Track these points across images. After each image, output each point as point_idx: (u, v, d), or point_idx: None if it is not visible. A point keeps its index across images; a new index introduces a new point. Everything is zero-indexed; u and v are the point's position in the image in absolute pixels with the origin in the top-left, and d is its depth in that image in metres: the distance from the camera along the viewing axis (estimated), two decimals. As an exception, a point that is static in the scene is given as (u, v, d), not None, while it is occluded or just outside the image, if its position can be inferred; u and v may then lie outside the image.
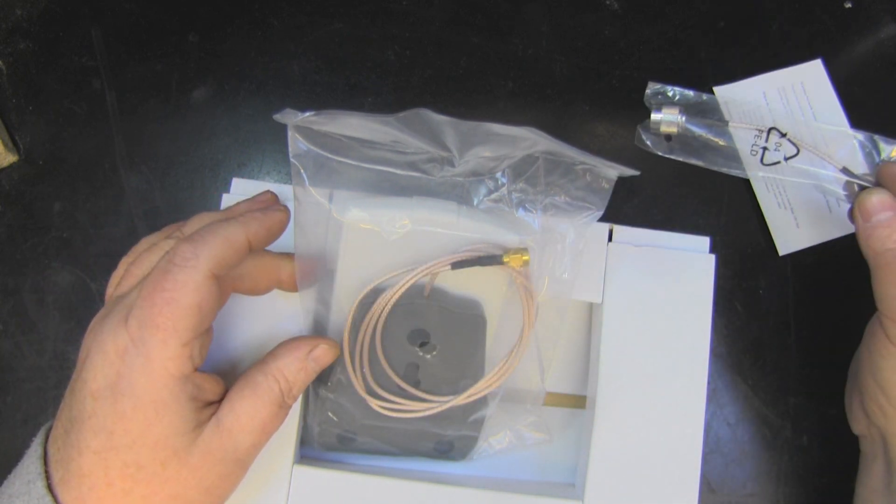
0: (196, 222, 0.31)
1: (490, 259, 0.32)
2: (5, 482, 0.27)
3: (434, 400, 0.33)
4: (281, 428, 0.30)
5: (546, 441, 0.36)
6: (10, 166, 0.42)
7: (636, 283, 0.36)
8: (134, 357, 0.25)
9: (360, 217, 0.32)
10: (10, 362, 0.40)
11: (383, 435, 0.34)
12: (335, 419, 0.34)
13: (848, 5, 0.46)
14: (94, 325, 0.28)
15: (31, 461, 0.27)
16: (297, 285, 0.32)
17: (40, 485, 0.25)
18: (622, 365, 0.35)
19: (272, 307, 0.34)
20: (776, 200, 0.43)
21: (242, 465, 0.28)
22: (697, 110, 0.42)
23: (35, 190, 0.42)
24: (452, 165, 0.32)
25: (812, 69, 0.45)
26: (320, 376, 0.32)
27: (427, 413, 0.33)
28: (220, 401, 0.28)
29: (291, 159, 0.32)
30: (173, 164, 0.42)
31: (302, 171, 0.32)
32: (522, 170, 0.33)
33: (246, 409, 0.28)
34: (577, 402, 0.39)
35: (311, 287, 0.33)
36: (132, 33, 0.44)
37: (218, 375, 0.29)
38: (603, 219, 0.33)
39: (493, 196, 0.33)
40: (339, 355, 0.32)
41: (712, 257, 0.37)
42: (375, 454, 0.36)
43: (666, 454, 0.34)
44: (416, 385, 0.33)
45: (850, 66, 0.45)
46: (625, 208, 0.43)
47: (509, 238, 0.32)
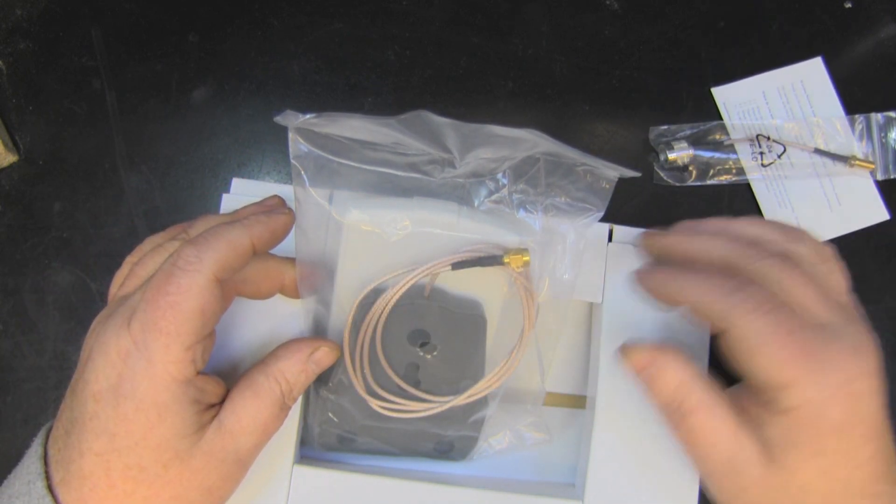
0: (202, 224, 0.31)
1: (490, 259, 0.32)
2: (5, 482, 0.27)
3: (434, 400, 0.33)
4: (281, 428, 0.30)
5: (546, 441, 0.36)
6: (10, 166, 0.42)
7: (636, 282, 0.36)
8: (136, 360, 0.25)
9: (360, 218, 0.32)
10: (10, 362, 0.40)
11: (383, 435, 0.34)
12: (335, 420, 0.34)
13: (848, 5, 0.46)
14: (96, 326, 0.28)
15: (31, 461, 0.27)
16: (299, 289, 0.32)
17: (40, 485, 0.25)
18: (622, 365, 0.35)
19: (273, 309, 0.34)
20: (776, 200, 0.43)
21: (243, 465, 0.28)
22: (700, 136, 0.44)
23: (35, 190, 0.42)
24: (453, 167, 0.32)
25: (812, 67, 0.45)
26: (321, 377, 0.32)
27: (427, 413, 0.33)
28: (221, 402, 0.28)
29: (292, 160, 0.32)
30: (173, 164, 0.42)
31: (302, 172, 0.32)
32: (523, 171, 0.33)
33: (247, 411, 0.28)
34: (577, 402, 0.39)
35: (313, 292, 0.33)
36: (132, 33, 0.44)
37: (219, 376, 0.29)
38: (603, 219, 0.33)
39: (493, 197, 0.33)
40: (340, 356, 0.32)
41: (712, 257, 0.37)
42: (376, 454, 0.36)
43: (666, 454, 0.34)
44: (417, 385, 0.33)
45: (850, 66, 0.45)
46: (625, 208, 0.43)
47: (510, 239, 0.32)
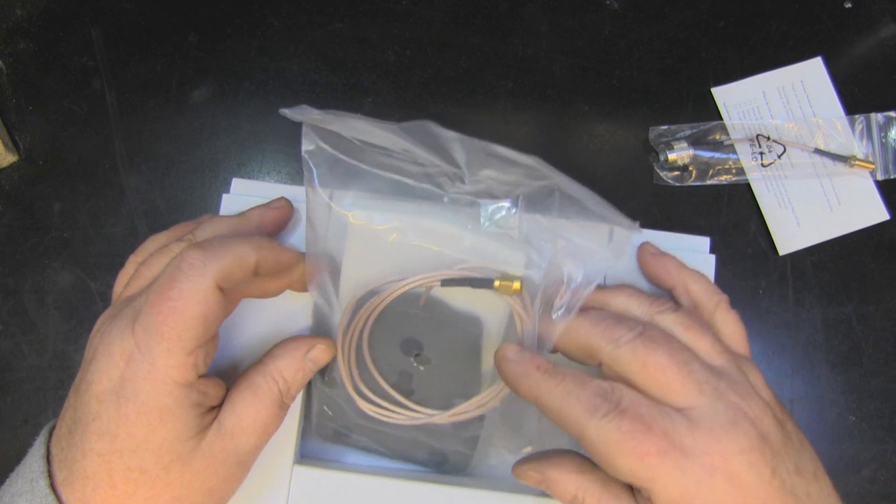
0: (209, 226, 0.31)
1: (481, 282, 0.31)
2: (8, 480, 0.27)
3: (421, 411, 0.32)
4: (281, 428, 0.30)
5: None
6: (10, 166, 0.42)
7: (636, 283, 0.36)
8: (139, 362, 0.25)
9: (365, 219, 0.31)
10: (10, 362, 0.40)
11: (376, 437, 0.34)
12: (330, 413, 0.34)
13: (848, 5, 0.46)
14: (100, 326, 0.28)
15: (34, 460, 0.27)
16: (307, 285, 0.32)
17: (43, 483, 0.25)
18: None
19: (274, 308, 0.34)
20: (776, 200, 0.43)
21: (244, 466, 0.29)
22: (700, 136, 0.44)
23: (35, 190, 0.42)
24: (463, 182, 0.31)
25: (812, 67, 0.45)
26: (323, 369, 0.32)
27: (414, 423, 0.32)
28: (222, 404, 0.28)
29: (303, 155, 0.31)
30: (173, 164, 0.42)
31: (313, 168, 0.31)
32: (537, 199, 0.31)
33: (247, 411, 0.28)
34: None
35: (319, 288, 0.33)
36: (132, 33, 0.44)
37: (219, 376, 0.29)
38: (603, 219, 0.33)
39: (502, 221, 0.31)
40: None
41: (712, 257, 0.37)
42: (371, 453, 0.36)
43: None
44: (409, 394, 0.33)
45: (850, 66, 0.45)
46: (625, 208, 0.43)
47: (512, 265, 0.31)
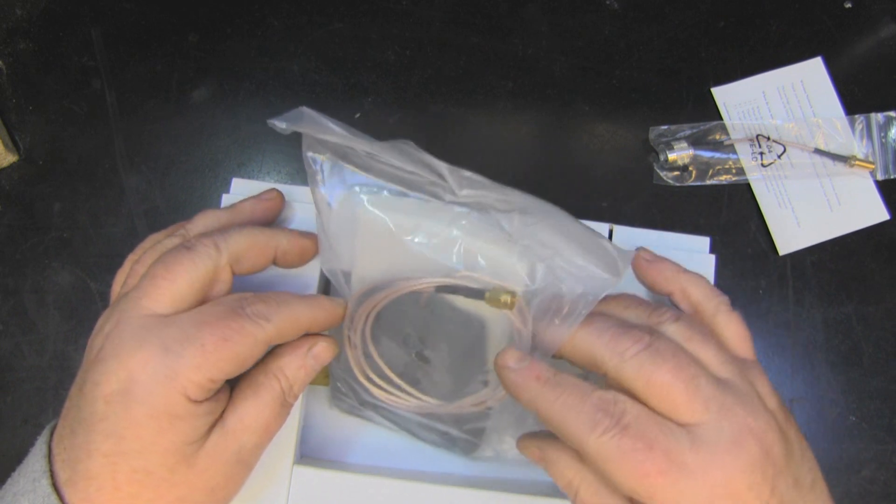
0: (200, 220, 0.31)
1: (472, 292, 0.30)
2: (9, 480, 0.27)
3: (425, 400, 0.33)
4: (281, 428, 0.30)
5: None
6: (10, 166, 0.42)
7: (636, 283, 0.35)
8: (158, 366, 0.25)
9: (376, 215, 0.31)
10: (10, 362, 0.40)
11: (388, 415, 0.35)
12: (344, 390, 0.34)
13: (848, 5, 0.46)
14: (103, 325, 0.28)
15: (35, 459, 0.27)
16: (322, 265, 0.33)
17: (45, 483, 0.25)
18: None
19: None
20: (776, 200, 0.43)
21: (247, 465, 0.29)
22: (700, 136, 0.44)
23: (35, 190, 0.42)
24: (454, 194, 0.31)
25: (812, 67, 0.45)
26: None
27: (418, 410, 0.33)
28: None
29: (306, 155, 0.31)
30: (173, 164, 0.42)
31: (317, 170, 0.31)
32: (531, 216, 0.30)
33: (249, 410, 0.28)
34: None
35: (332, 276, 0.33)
36: (132, 33, 0.44)
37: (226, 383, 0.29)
38: (603, 219, 0.33)
39: (496, 237, 0.30)
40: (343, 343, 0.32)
41: (712, 257, 0.37)
42: (387, 427, 0.36)
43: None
44: (416, 383, 0.33)
45: (850, 66, 0.45)
46: (625, 208, 0.43)
47: (512, 279, 0.30)
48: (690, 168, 0.43)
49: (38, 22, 0.44)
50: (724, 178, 0.43)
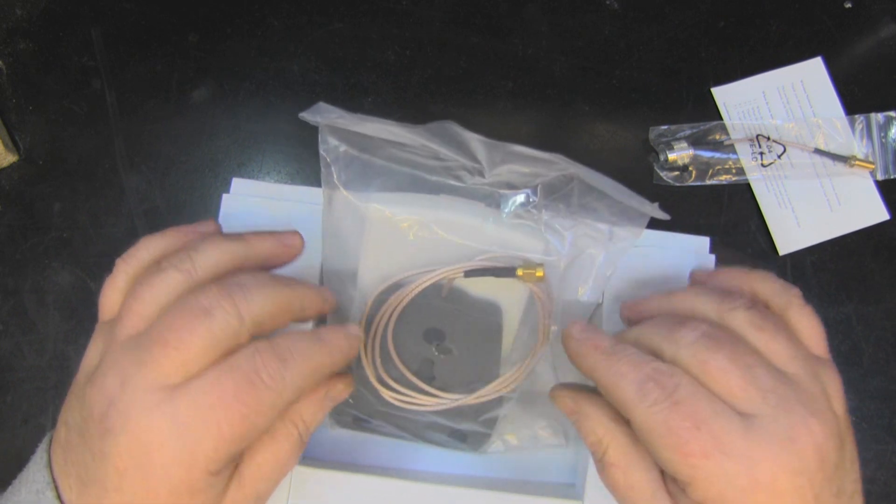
0: (211, 253, 0.27)
1: (504, 271, 0.31)
2: (9, 489, 0.27)
3: (444, 397, 0.33)
4: None
5: (561, 445, 0.36)
6: (10, 166, 0.42)
7: (636, 283, 0.36)
8: (173, 446, 0.24)
9: (383, 213, 0.31)
10: (10, 362, 0.40)
11: (397, 422, 0.35)
12: (351, 401, 0.34)
13: (848, 5, 0.46)
14: (106, 383, 0.25)
15: (37, 469, 0.26)
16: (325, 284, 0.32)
17: (51, 495, 0.25)
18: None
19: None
20: (776, 200, 0.43)
21: (261, 503, 0.28)
22: (700, 136, 0.44)
23: (35, 190, 0.42)
24: (482, 176, 0.32)
25: (812, 67, 0.45)
26: None
27: (436, 408, 0.33)
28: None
29: (321, 153, 0.31)
30: (173, 164, 0.42)
31: (332, 166, 0.32)
32: (555, 188, 0.32)
33: (266, 459, 0.27)
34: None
35: (337, 280, 0.33)
36: (132, 33, 0.44)
37: None
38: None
39: (522, 210, 0.32)
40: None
41: (712, 258, 0.37)
42: (390, 437, 0.36)
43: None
44: (431, 381, 0.33)
45: (850, 66, 0.45)
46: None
47: (533, 252, 0.32)
48: (690, 168, 0.43)
49: (38, 22, 0.44)
50: (724, 178, 0.43)
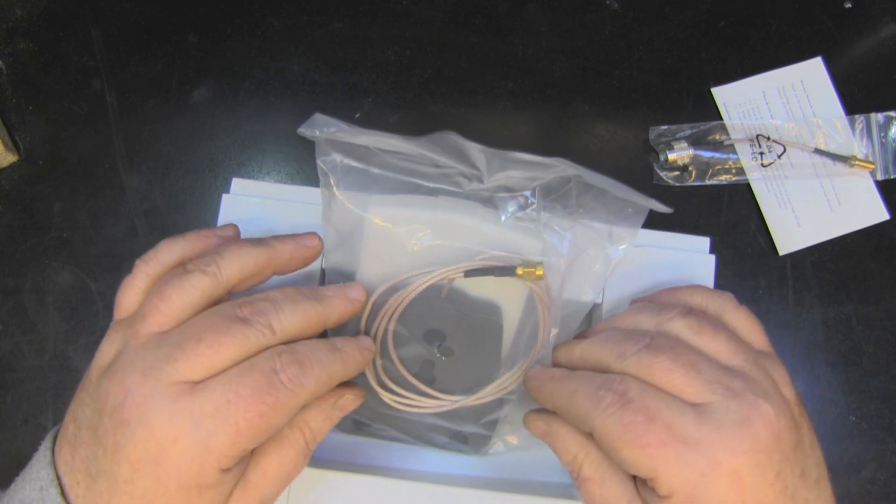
0: (235, 259, 0.28)
1: (504, 270, 0.31)
2: (12, 486, 0.27)
3: (444, 398, 0.33)
4: None
5: None
6: (10, 166, 0.42)
7: (636, 283, 0.36)
8: (190, 441, 0.24)
9: (381, 216, 0.32)
10: (10, 362, 0.40)
11: (398, 424, 0.35)
12: None
13: (848, 5, 0.46)
14: (126, 376, 0.25)
15: (41, 466, 0.26)
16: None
17: (54, 492, 0.25)
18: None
19: None
20: (776, 200, 0.43)
21: None
22: (700, 136, 0.44)
23: (35, 190, 0.42)
24: (481, 182, 0.32)
25: (812, 67, 0.45)
26: None
27: (436, 410, 0.33)
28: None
29: (318, 164, 0.32)
30: (173, 164, 0.42)
31: (329, 175, 0.32)
32: (553, 189, 0.32)
33: (272, 464, 0.27)
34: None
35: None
36: (132, 33, 0.44)
37: None
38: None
39: (521, 213, 0.32)
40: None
41: (712, 257, 0.37)
42: (391, 441, 0.36)
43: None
44: (431, 382, 0.33)
45: (850, 66, 0.45)
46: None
47: (532, 253, 0.32)
48: (690, 168, 0.43)
49: (38, 22, 0.44)
50: (724, 178, 0.43)
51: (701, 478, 0.24)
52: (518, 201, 0.33)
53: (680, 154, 0.42)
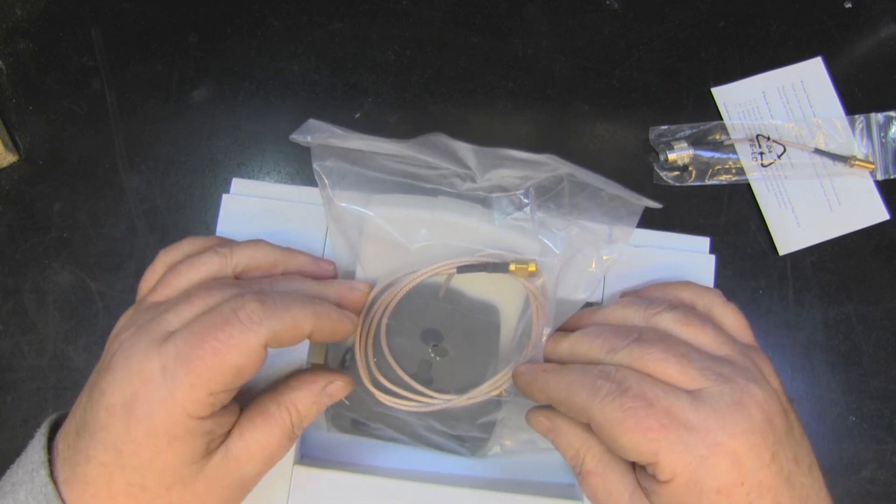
0: (249, 249, 0.30)
1: (496, 266, 0.32)
2: (8, 471, 0.27)
3: (438, 397, 0.33)
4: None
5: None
6: (10, 166, 0.42)
7: (636, 283, 0.36)
8: (158, 386, 0.25)
9: (380, 216, 0.32)
10: (10, 362, 0.40)
11: (395, 423, 0.35)
12: (348, 403, 0.34)
13: (848, 5, 0.46)
14: (121, 331, 0.27)
15: (34, 451, 0.27)
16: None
17: (43, 473, 0.25)
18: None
19: None
20: (776, 200, 0.43)
21: (245, 490, 0.28)
22: (700, 136, 0.44)
23: (35, 190, 0.42)
24: (474, 181, 0.32)
25: (812, 67, 0.45)
26: (342, 360, 0.33)
27: (430, 409, 0.33)
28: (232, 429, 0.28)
29: (315, 168, 0.32)
30: (173, 164, 0.42)
31: (326, 179, 0.32)
32: (547, 189, 0.33)
33: (256, 439, 0.27)
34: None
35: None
36: (132, 33, 0.44)
37: (234, 401, 0.28)
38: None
39: (515, 214, 0.33)
40: (353, 344, 0.32)
41: (712, 257, 0.37)
42: (388, 441, 0.36)
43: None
44: (429, 383, 0.33)
45: (850, 66, 0.45)
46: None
47: (528, 252, 0.32)
48: (690, 168, 0.43)
49: (38, 22, 0.44)
50: (724, 178, 0.43)
51: (701, 460, 0.25)
52: (512, 201, 0.33)
53: (680, 154, 0.42)
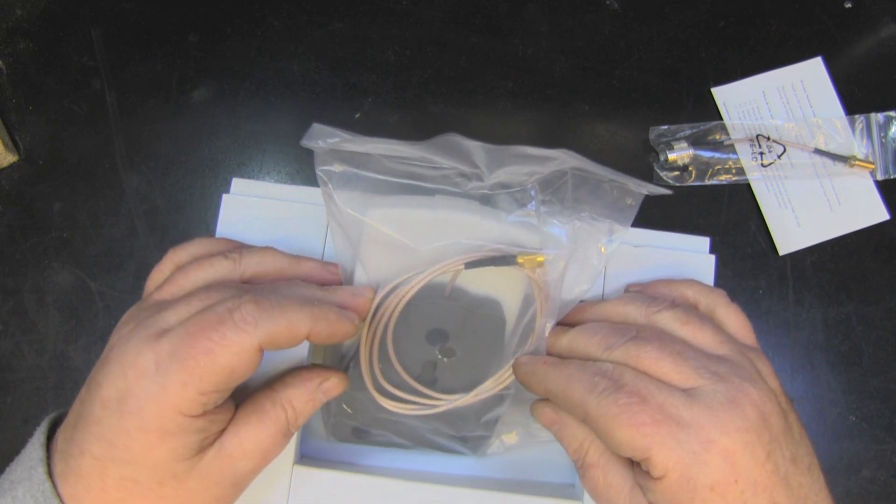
0: (259, 255, 0.31)
1: (504, 259, 0.32)
2: (8, 468, 0.27)
3: (443, 398, 0.33)
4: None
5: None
6: (10, 166, 0.42)
7: (636, 282, 0.36)
8: (150, 382, 0.25)
9: (380, 218, 0.32)
10: (10, 362, 0.40)
11: (397, 428, 0.34)
12: (350, 411, 0.34)
13: (848, 5, 0.46)
14: (122, 327, 0.27)
15: (33, 448, 0.27)
16: None
17: (41, 471, 0.25)
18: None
19: None
20: (776, 200, 0.43)
21: (239, 488, 0.28)
22: (700, 136, 0.44)
23: (35, 190, 0.42)
24: (480, 180, 0.32)
25: (812, 67, 0.45)
26: (346, 365, 0.32)
27: (436, 411, 0.33)
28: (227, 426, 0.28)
29: (318, 172, 0.32)
30: (173, 164, 0.42)
31: (329, 183, 0.32)
32: (550, 183, 0.33)
33: (250, 436, 0.27)
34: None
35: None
36: (132, 33, 0.44)
37: (230, 399, 0.28)
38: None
39: (520, 211, 0.33)
40: (356, 350, 0.32)
41: (712, 257, 0.37)
42: (389, 447, 0.36)
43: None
44: (433, 384, 0.33)
45: (850, 66, 0.45)
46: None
47: (532, 246, 0.32)
48: (690, 168, 0.43)
49: (38, 22, 0.44)
50: (723, 178, 0.43)
51: (694, 456, 0.25)
52: (516, 197, 0.33)
53: (680, 154, 0.42)
